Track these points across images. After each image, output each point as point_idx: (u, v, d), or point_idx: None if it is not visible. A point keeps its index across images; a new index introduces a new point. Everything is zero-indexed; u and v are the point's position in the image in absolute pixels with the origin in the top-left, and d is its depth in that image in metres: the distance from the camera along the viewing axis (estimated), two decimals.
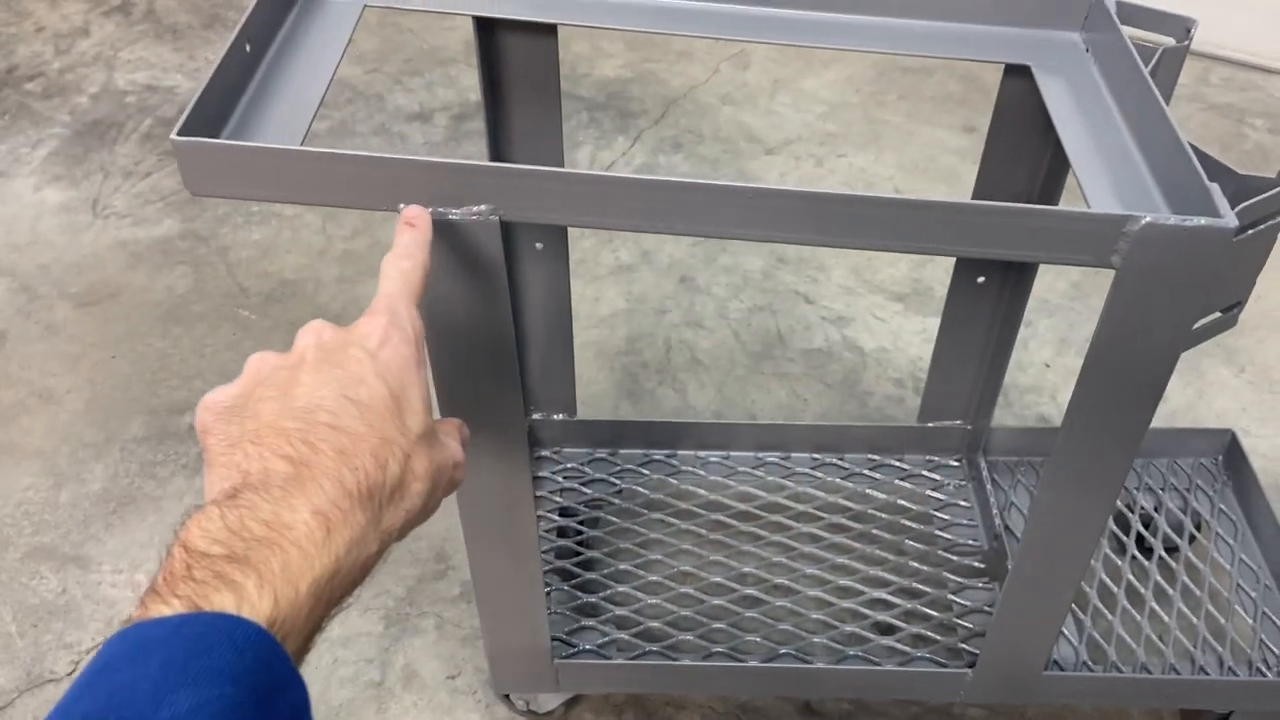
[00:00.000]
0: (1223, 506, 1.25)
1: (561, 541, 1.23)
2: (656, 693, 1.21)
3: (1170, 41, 0.88)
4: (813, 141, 2.12)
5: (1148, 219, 0.67)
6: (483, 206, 0.68)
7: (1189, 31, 0.87)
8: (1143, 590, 1.17)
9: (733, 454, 1.33)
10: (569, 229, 1.14)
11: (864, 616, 1.15)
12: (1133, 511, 1.25)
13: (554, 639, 1.11)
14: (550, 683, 1.08)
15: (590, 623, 1.14)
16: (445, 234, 0.69)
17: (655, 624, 1.14)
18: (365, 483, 0.50)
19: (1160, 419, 1.49)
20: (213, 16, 2.52)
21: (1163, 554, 1.21)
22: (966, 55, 0.92)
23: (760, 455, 1.32)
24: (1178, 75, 0.89)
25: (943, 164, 2.05)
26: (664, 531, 1.24)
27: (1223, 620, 1.13)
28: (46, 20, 2.48)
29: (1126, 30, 0.89)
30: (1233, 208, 0.68)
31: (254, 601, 0.43)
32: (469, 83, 2.28)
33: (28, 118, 2.16)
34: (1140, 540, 1.23)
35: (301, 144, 0.69)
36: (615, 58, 2.38)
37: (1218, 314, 0.78)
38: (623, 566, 1.20)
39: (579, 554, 1.22)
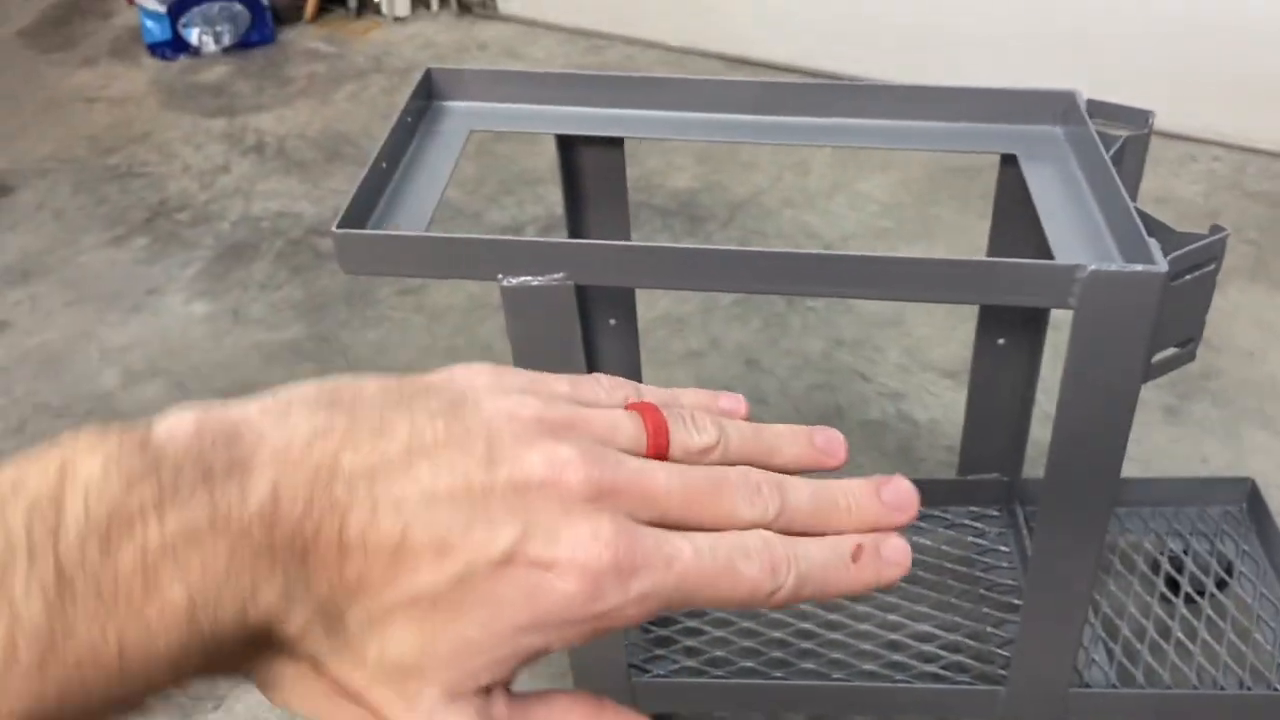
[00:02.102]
0: (1246, 549, 1.35)
1: None
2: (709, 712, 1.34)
3: (1133, 130, 1.05)
4: (868, 236, 2.31)
5: (1094, 266, 0.84)
6: (559, 274, 0.88)
7: (1148, 121, 1.03)
8: (1170, 623, 1.27)
9: None
10: (637, 309, 1.33)
11: (909, 648, 1.27)
12: (1163, 555, 1.35)
13: (630, 665, 1.26)
14: (628, 700, 1.23)
15: (662, 652, 1.29)
16: (529, 298, 0.89)
17: (720, 653, 1.29)
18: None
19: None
20: (334, 153, 2.86)
21: (1190, 591, 1.31)
22: (966, 148, 1.11)
23: None
24: (1144, 156, 1.05)
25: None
26: None
27: (1243, 647, 1.23)
28: (192, 160, 2.86)
29: (1099, 122, 1.07)
30: (1166, 257, 0.84)
31: None
32: (554, 199, 2.55)
33: (178, 243, 2.49)
34: (1171, 581, 1.34)
35: (425, 230, 0.91)
36: (686, 170, 2.63)
37: (1175, 350, 0.93)
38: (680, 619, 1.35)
39: None
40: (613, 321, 1.33)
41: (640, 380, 1.32)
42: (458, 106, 1.13)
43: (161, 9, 3.47)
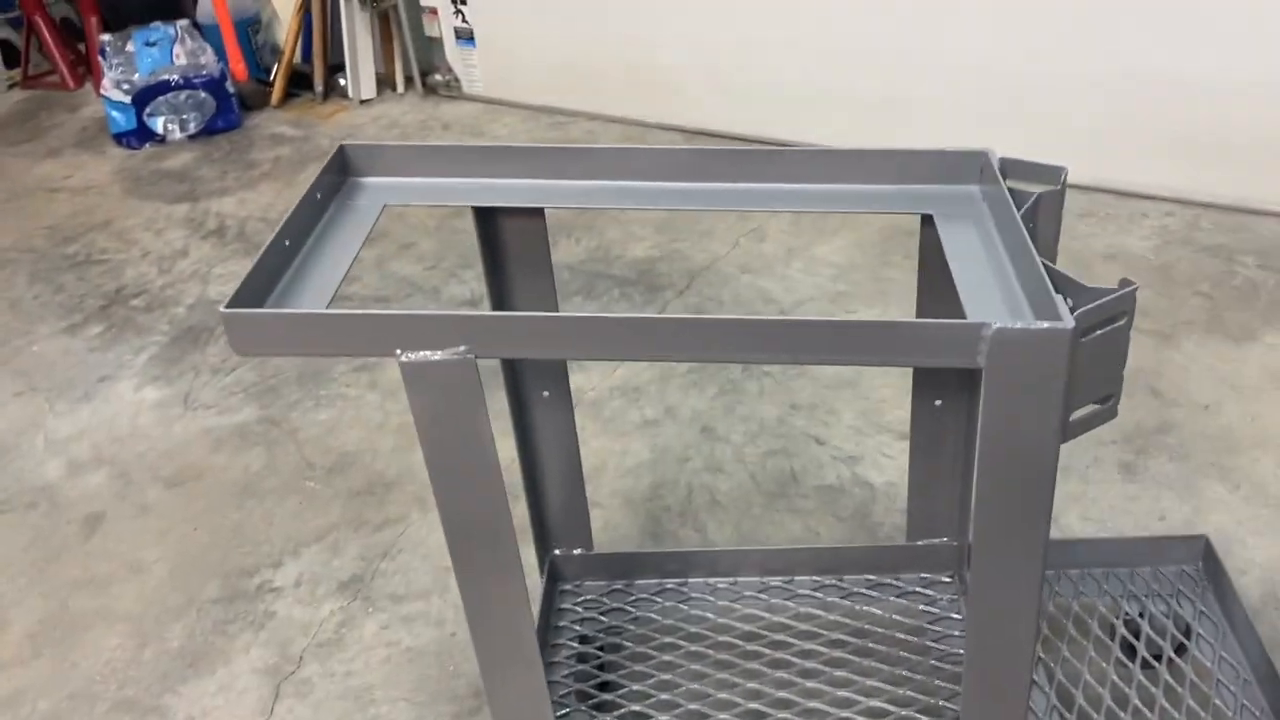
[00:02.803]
0: (1204, 609, 1.31)
1: (581, 666, 1.35)
2: None
3: (1046, 186, 1.04)
4: (824, 300, 2.31)
5: (998, 325, 0.82)
6: (461, 347, 0.86)
7: (1061, 178, 1.03)
8: (1127, 689, 1.22)
9: (740, 579, 1.44)
10: (570, 381, 1.31)
11: None
12: (1118, 618, 1.31)
13: None
14: None
15: None
16: (431, 374, 0.87)
17: None
18: None
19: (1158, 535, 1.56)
20: None
21: (1146, 656, 1.27)
22: (885, 209, 1.10)
23: (765, 580, 1.43)
24: (1060, 211, 1.04)
25: None
26: (675, 654, 1.34)
27: (1203, 714, 1.18)
28: (151, 246, 2.85)
29: (1015, 180, 1.06)
30: (1074, 314, 0.83)
31: None
32: None
33: (132, 329, 2.47)
34: (1127, 645, 1.30)
35: (326, 308, 0.89)
36: (645, 240, 2.63)
37: (1094, 406, 0.91)
38: (635, 688, 1.30)
39: (596, 678, 1.33)
40: (545, 394, 1.31)
41: (576, 442, 1.28)
42: (372, 182, 1.12)
43: (127, 99, 3.51)
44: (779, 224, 2.63)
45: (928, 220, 1.12)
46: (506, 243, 1.19)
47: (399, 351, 0.86)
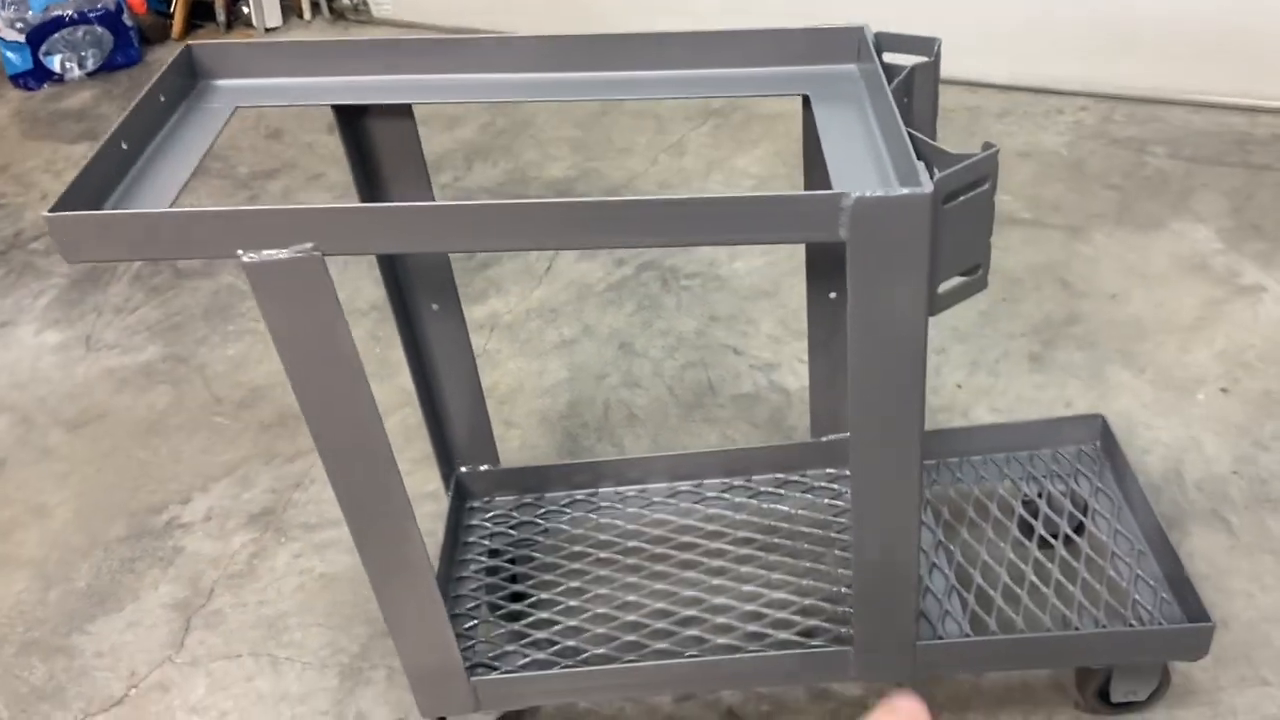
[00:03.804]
0: (1101, 486, 1.33)
1: (490, 580, 1.33)
2: (575, 703, 1.29)
3: (923, 59, 1.01)
4: None
5: (858, 193, 0.80)
6: (308, 244, 0.82)
7: (935, 49, 1.00)
8: (1024, 568, 1.24)
9: (649, 486, 1.43)
10: (459, 290, 1.27)
11: (766, 617, 1.23)
12: (1017, 500, 1.33)
13: (479, 664, 1.20)
14: (470, 702, 1.17)
15: (512, 647, 1.23)
16: (277, 274, 0.83)
17: (571, 642, 1.23)
18: None
19: None
20: (200, 168, 2.76)
21: (1044, 535, 1.28)
22: (761, 92, 1.07)
23: (675, 485, 1.42)
24: (935, 83, 1.02)
25: None
26: (584, 562, 1.33)
27: (1098, 586, 1.20)
28: (50, 188, 2.74)
29: (893, 55, 1.03)
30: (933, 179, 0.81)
31: None
32: (443, 181, 2.48)
33: (31, 273, 2.37)
34: (1026, 526, 1.31)
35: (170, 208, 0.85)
36: (562, 160, 2.58)
37: (962, 279, 0.89)
38: (543, 597, 1.30)
39: (504, 590, 1.32)
40: (435, 307, 1.27)
41: (473, 356, 1.25)
42: (226, 84, 1.06)
43: (21, 38, 3.34)
44: (699, 137, 2.59)
45: (807, 101, 1.09)
46: (376, 146, 1.14)
47: (241, 252, 0.82)
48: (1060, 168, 2.28)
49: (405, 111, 1.13)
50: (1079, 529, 1.31)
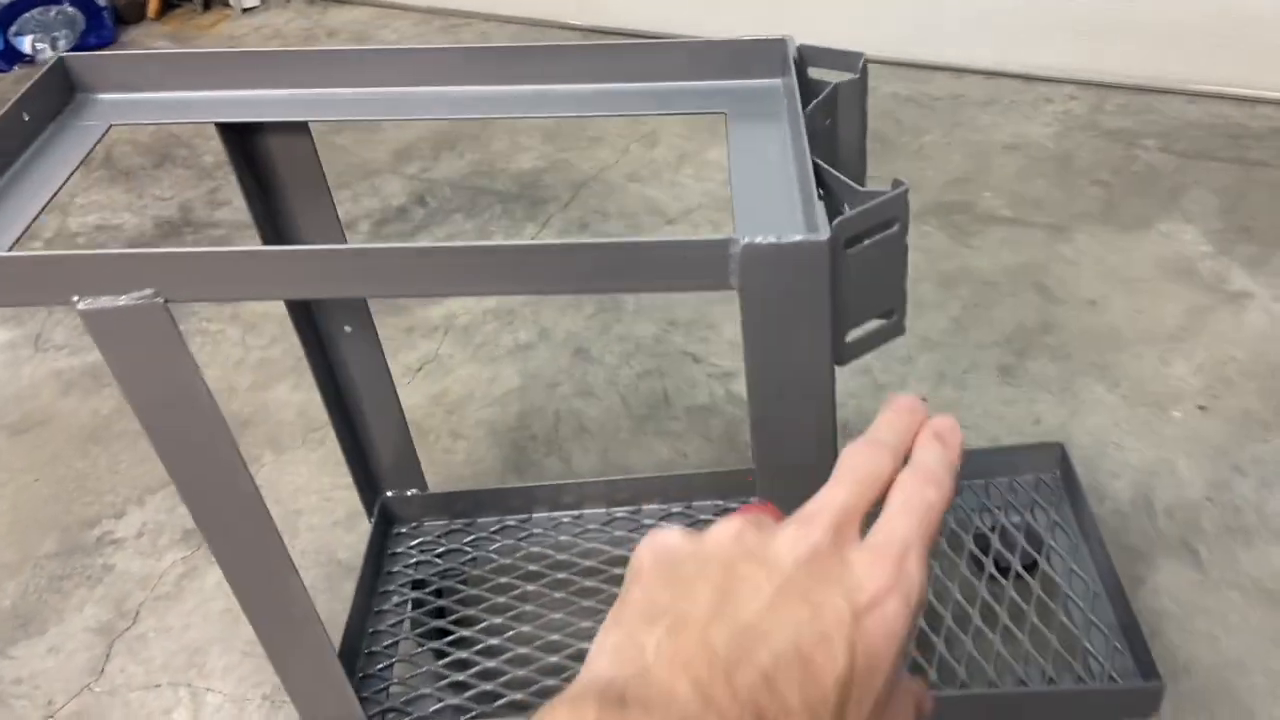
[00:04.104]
0: (1058, 520, 1.25)
1: (413, 614, 1.27)
2: None
3: (849, 75, 0.93)
4: (712, 208, 2.19)
5: (746, 240, 0.72)
6: (148, 290, 0.75)
7: (859, 64, 0.92)
8: (970, 609, 1.17)
9: (585, 512, 1.36)
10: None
11: None
12: (967, 533, 1.25)
13: (391, 710, 1.14)
14: None
15: (428, 690, 1.17)
16: (116, 322, 0.76)
17: (488, 686, 1.17)
18: None
19: (1031, 440, 1.50)
20: (164, 157, 2.69)
21: (994, 573, 1.21)
22: (674, 110, 0.98)
23: (612, 511, 1.36)
24: (863, 101, 0.93)
25: None
26: (509, 596, 1.27)
27: (1048, 632, 1.13)
28: None
29: (822, 71, 0.95)
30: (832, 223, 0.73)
31: None
32: (391, 190, 2.41)
33: None
34: (976, 561, 1.24)
35: (9, 251, 0.78)
36: (531, 150, 2.49)
37: (878, 322, 0.81)
38: (465, 634, 1.23)
39: (425, 625, 1.26)
40: (348, 329, 1.20)
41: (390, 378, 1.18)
42: (104, 99, 0.99)
43: None
44: (673, 127, 2.50)
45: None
46: (272, 164, 1.07)
47: (76, 298, 0.75)
48: (1046, 161, 2.18)
49: (300, 128, 1.05)
50: (1032, 566, 1.24)
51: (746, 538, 0.41)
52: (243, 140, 1.05)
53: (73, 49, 3.32)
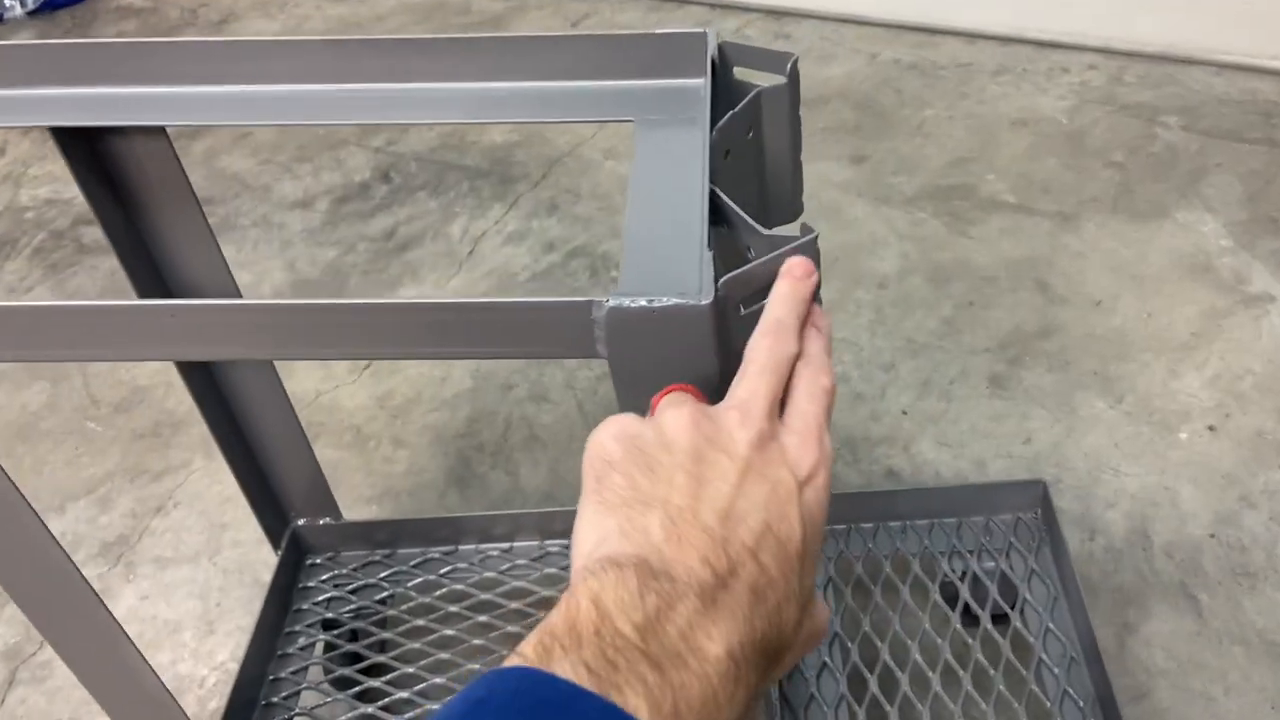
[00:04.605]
0: (1035, 568, 1.11)
1: (321, 659, 1.16)
2: None
3: (776, 79, 0.78)
4: None
5: (611, 303, 0.58)
6: None
7: (788, 67, 0.77)
8: (930, 675, 1.03)
9: (516, 544, 1.24)
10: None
11: None
12: (933, 581, 1.12)
13: None
14: None
15: None
16: None
17: None
18: (768, 637, 0.42)
19: (1022, 463, 1.36)
20: None
21: (959, 628, 1.08)
22: (581, 116, 0.84)
23: (544, 544, 1.23)
24: (793, 110, 0.78)
25: (825, 199, 1.94)
26: (423, 641, 1.15)
27: (1016, 704, 1.00)
28: None
29: (747, 72, 0.80)
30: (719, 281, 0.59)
31: None
32: (355, 164, 2.27)
33: None
34: (942, 615, 1.10)
35: None
36: (504, 124, 2.34)
37: None
38: (373, 684, 1.12)
39: (332, 672, 1.14)
40: None
41: (288, 400, 1.04)
42: None
43: None
44: None
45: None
46: (125, 171, 0.93)
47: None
48: (1058, 139, 2.00)
49: (158, 131, 0.91)
50: (998, 620, 1.10)
51: (703, 426, 0.48)
52: (88, 143, 0.91)
53: (41, 6, 3.19)
